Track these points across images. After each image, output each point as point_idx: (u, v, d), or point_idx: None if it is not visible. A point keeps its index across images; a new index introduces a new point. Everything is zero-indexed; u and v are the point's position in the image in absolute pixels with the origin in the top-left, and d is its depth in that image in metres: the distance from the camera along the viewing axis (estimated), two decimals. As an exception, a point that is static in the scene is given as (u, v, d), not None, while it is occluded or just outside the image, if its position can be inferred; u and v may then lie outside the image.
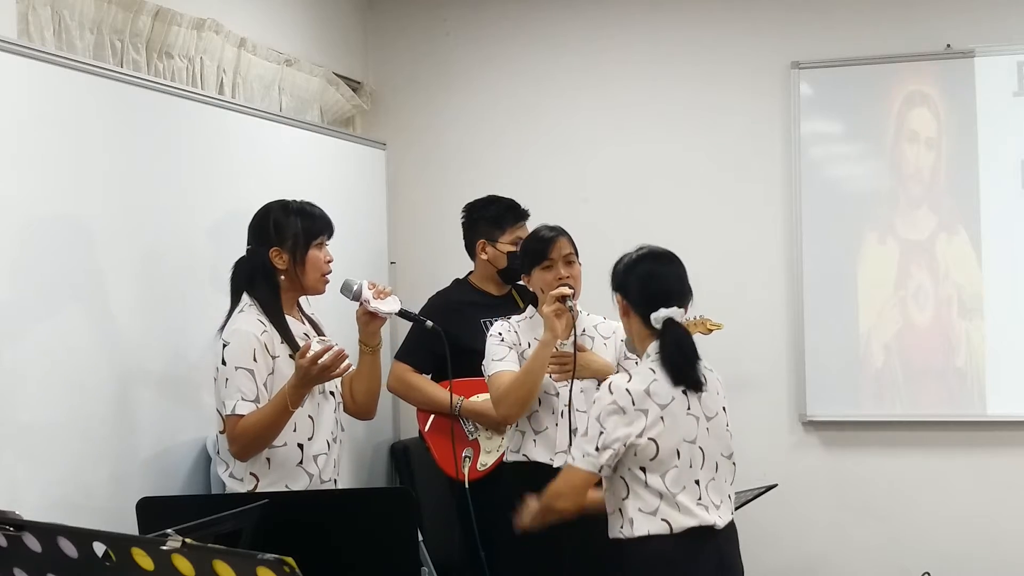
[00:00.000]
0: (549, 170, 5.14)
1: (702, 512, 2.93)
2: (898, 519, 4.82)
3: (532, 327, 3.58)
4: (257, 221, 3.28)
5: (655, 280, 3.02)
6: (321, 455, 3.21)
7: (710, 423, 2.98)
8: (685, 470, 2.91)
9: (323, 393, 3.25)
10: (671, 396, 2.92)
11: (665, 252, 3.10)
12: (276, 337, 3.16)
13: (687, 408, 2.94)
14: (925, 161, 4.78)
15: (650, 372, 2.94)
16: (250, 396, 3.08)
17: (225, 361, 3.10)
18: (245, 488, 3.13)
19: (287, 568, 1.68)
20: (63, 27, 3.41)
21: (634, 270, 3.04)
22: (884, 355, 4.80)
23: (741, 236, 4.97)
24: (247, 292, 3.22)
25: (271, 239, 3.22)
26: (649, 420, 2.88)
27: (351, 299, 3.30)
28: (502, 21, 5.25)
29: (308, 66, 4.75)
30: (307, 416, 3.19)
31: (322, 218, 3.30)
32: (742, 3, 4.99)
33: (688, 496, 2.92)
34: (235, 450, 3.11)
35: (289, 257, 3.22)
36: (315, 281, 3.27)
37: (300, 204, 3.30)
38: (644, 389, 2.90)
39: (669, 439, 2.90)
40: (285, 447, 3.14)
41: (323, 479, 3.21)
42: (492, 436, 4.04)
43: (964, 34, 4.72)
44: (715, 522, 2.94)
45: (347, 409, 3.43)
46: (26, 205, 3.00)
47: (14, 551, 1.98)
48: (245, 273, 3.25)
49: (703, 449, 2.95)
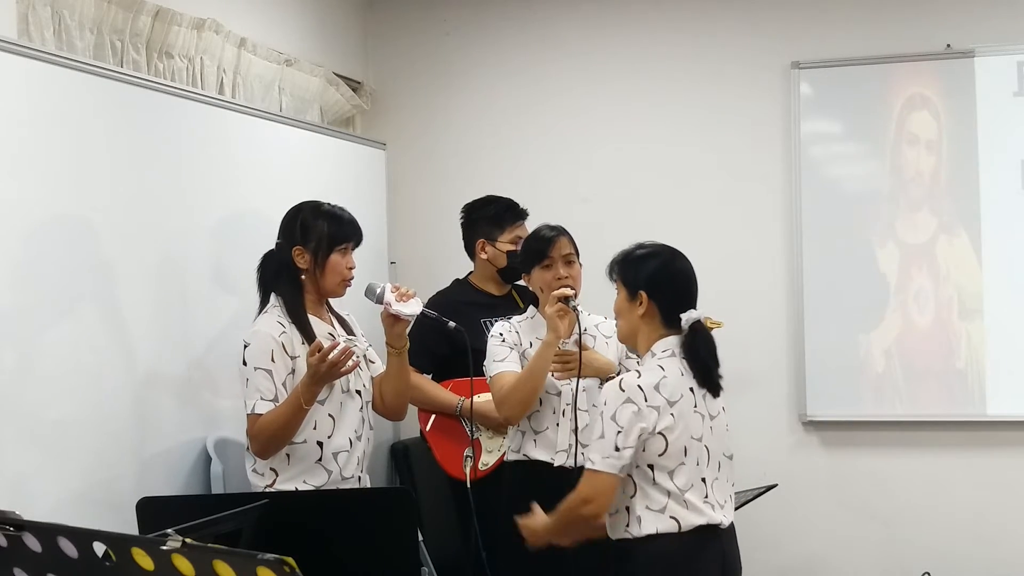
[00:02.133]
0: (549, 170, 5.14)
1: (709, 510, 2.92)
2: (898, 519, 4.82)
3: (533, 327, 3.58)
4: (288, 218, 3.36)
5: (685, 280, 3.02)
6: (342, 452, 3.26)
7: (713, 422, 2.98)
8: (693, 467, 2.91)
9: (347, 392, 3.30)
10: (680, 393, 2.91)
11: (673, 248, 3.09)
12: (297, 337, 3.23)
13: (694, 406, 2.94)
14: (925, 162, 4.78)
15: (659, 369, 2.93)
16: (268, 396, 3.16)
17: (245, 361, 3.20)
18: (264, 483, 3.21)
19: (287, 568, 1.68)
20: (63, 27, 3.41)
21: (658, 266, 3.01)
22: (884, 355, 4.80)
23: (741, 236, 4.97)
24: (273, 290, 3.31)
25: (296, 238, 3.29)
26: (660, 415, 2.87)
27: (375, 302, 3.36)
28: (502, 21, 5.25)
29: (308, 66, 4.75)
30: (328, 414, 3.24)
31: (351, 224, 3.37)
32: (742, 3, 4.99)
33: (696, 494, 2.91)
34: (255, 448, 3.19)
35: (311, 258, 3.29)
36: (334, 286, 3.34)
37: (332, 208, 3.37)
38: (655, 385, 2.89)
39: (678, 435, 2.89)
40: (305, 444, 3.21)
41: (344, 476, 3.26)
42: (494, 436, 4.03)
43: (964, 34, 4.72)
44: (721, 520, 2.94)
45: (376, 409, 3.48)
46: (26, 205, 3.00)
47: (14, 551, 1.97)
48: (271, 269, 3.33)
49: (708, 448, 2.95)
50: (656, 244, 3.08)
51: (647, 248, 3.06)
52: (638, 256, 3.04)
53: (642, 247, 3.07)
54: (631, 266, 3.03)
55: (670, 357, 2.95)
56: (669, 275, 3.00)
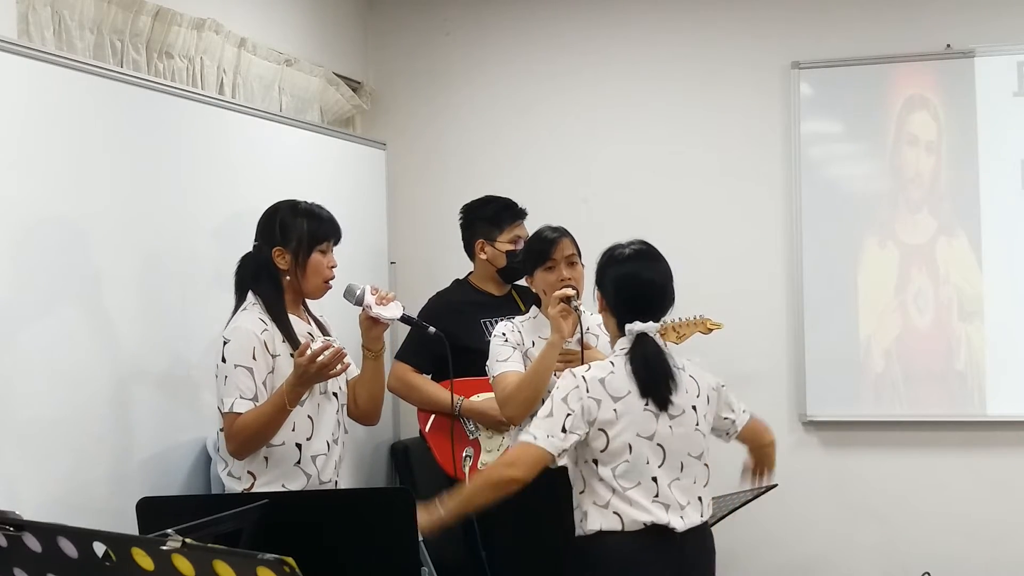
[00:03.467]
0: (549, 170, 5.14)
1: (658, 511, 2.90)
2: (898, 519, 4.83)
3: (536, 327, 3.58)
4: (265, 219, 3.28)
5: (635, 288, 3.02)
6: (320, 455, 3.21)
7: (673, 421, 2.96)
8: (641, 465, 2.91)
9: (324, 393, 3.24)
10: (626, 390, 2.93)
11: (653, 254, 3.08)
12: (277, 336, 3.16)
13: (645, 404, 2.94)
14: (925, 163, 4.78)
15: (609, 365, 2.97)
16: (248, 394, 3.08)
17: (225, 358, 3.10)
18: (242, 487, 3.13)
19: (287, 568, 1.68)
20: (63, 27, 3.41)
21: (616, 272, 3.03)
22: (884, 358, 4.80)
23: (741, 236, 4.97)
24: (252, 289, 3.23)
25: (276, 238, 3.22)
26: (601, 410, 2.90)
27: (353, 303, 3.30)
28: (502, 21, 5.25)
29: (308, 66, 4.75)
30: (306, 416, 3.18)
31: (329, 222, 3.29)
32: (742, 3, 5.00)
33: (642, 492, 2.91)
34: (232, 448, 3.10)
35: (291, 258, 3.22)
36: (315, 286, 3.27)
37: (309, 206, 3.29)
38: (600, 379, 2.93)
39: (621, 432, 2.90)
40: (283, 446, 3.14)
41: (322, 479, 3.21)
42: (493, 436, 4.04)
43: (964, 34, 4.72)
44: (671, 522, 2.91)
45: (350, 413, 3.41)
46: (26, 205, 3.00)
47: (14, 551, 1.97)
48: (250, 270, 3.25)
49: (663, 446, 2.94)
50: (638, 247, 3.09)
51: (625, 249, 3.08)
52: (611, 255, 3.08)
53: (625, 247, 3.09)
54: (602, 262, 3.09)
55: (623, 356, 2.99)
56: (625, 285, 3.02)
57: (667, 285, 3.05)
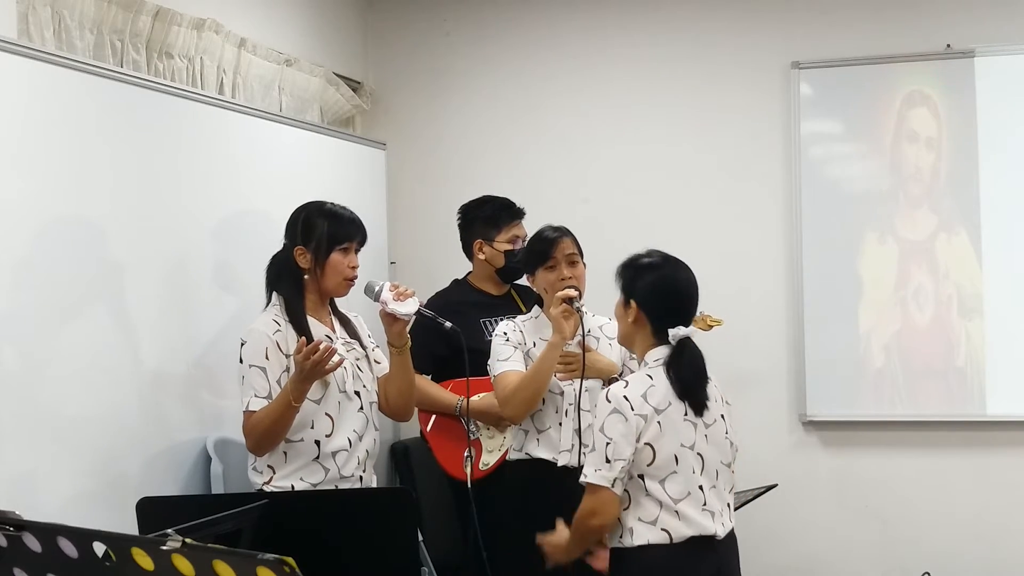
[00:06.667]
0: (549, 170, 5.14)
1: (706, 521, 2.90)
2: (898, 519, 4.82)
3: (537, 327, 3.58)
4: (292, 219, 3.38)
5: (677, 294, 3.00)
6: (341, 451, 3.27)
7: (708, 430, 2.96)
8: (688, 476, 2.90)
9: (344, 392, 3.30)
10: (668, 401, 2.91)
11: (682, 263, 3.06)
12: (293, 336, 3.23)
13: (684, 413, 2.93)
14: (925, 161, 4.78)
15: (647, 378, 2.93)
16: (262, 393, 3.18)
17: (242, 359, 3.23)
18: (262, 480, 3.23)
19: (287, 568, 1.68)
20: (63, 27, 3.41)
21: (651, 278, 3.00)
22: (884, 355, 4.80)
23: (741, 236, 4.97)
24: (276, 289, 3.32)
25: (298, 238, 3.31)
26: (646, 425, 2.87)
27: (373, 300, 3.36)
28: (502, 21, 5.25)
29: (308, 66, 4.75)
30: (325, 414, 3.25)
31: (352, 223, 3.37)
32: (742, 3, 4.99)
33: (691, 504, 2.89)
34: (250, 444, 3.22)
35: (312, 258, 3.30)
36: (335, 285, 3.34)
37: (334, 207, 3.38)
38: (641, 394, 2.89)
39: (666, 444, 2.88)
40: (302, 442, 3.23)
41: (343, 474, 3.27)
42: (494, 435, 4.03)
43: (964, 34, 4.72)
44: (716, 531, 2.92)
45: (383, 410, 3.49)
46: (26, 205, 3.00)
47: (14, 551, 1.98)
48: (275, 269, 3.35)
49: (702, 455, 2.93)
50: (662, 255, 3.06)
51: (651, 258, 3.05)
52: (639, 264, 3.03)
53: (647, 256, 3.06)
54: (630, 273, 3.03)
55: (660, 367, 2.95)
56: (663, 290, 2.99)
57: (697, 287, 3.04)
